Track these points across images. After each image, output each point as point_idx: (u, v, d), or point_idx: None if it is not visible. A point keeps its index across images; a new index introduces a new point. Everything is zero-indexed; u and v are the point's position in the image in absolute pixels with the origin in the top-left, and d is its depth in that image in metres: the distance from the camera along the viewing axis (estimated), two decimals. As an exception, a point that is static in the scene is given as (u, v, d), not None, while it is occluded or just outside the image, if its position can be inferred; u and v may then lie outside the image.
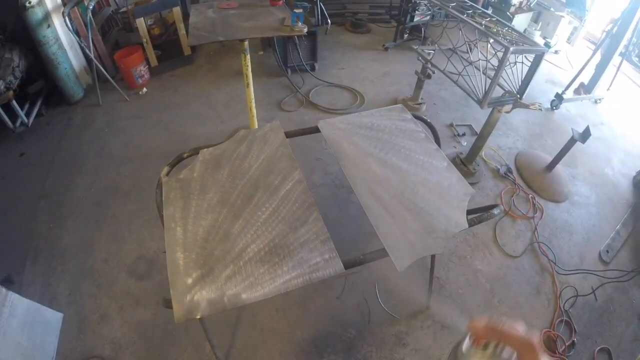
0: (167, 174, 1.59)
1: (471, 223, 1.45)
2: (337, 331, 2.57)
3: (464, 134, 3.95)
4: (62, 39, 4.41)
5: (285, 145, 1.59)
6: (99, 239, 3.23)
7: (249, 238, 1.27)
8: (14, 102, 4.18)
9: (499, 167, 3.66)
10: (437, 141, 1.87)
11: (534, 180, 3.58)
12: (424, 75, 3.67)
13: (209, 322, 2.23)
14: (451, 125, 4.05)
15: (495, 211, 1.57)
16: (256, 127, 3.55)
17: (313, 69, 4.73)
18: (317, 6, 3.00)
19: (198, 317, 1.14)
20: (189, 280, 1.20)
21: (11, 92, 4.09)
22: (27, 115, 4.46)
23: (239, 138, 1.64)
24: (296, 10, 2.48)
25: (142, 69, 4.76)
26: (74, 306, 2.84)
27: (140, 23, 4.52)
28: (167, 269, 1.27)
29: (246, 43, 2.75)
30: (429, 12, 4.63)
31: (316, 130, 1.69)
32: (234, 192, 1.42)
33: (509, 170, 3.63)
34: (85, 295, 2.89)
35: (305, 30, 2.52)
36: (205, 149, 1.59)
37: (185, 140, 4.06)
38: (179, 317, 1.15)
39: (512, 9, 5.49)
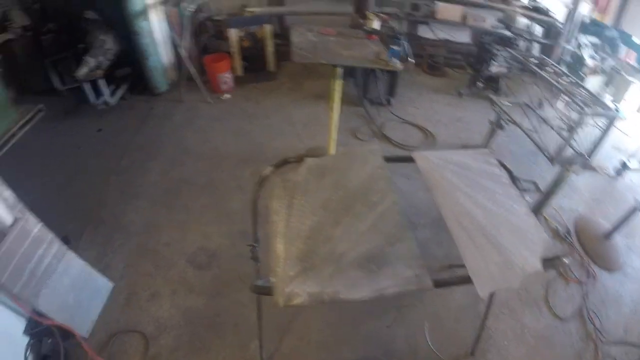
0: (270, 174, 1.74)
1: (544, 266, 1.52)
2: (382, 358, 2.60)
3: (528, 190, 3.95)
4: (156, 33, 4.77)
5: (383, 168, 1.71)
6: (165, 224, 3.41)
7: (349, 244, 1.39)
8: (101, 81, 4.55)
9: (558, 227, 3.64)
10: (515, 184, 1.95)
11: (590, 246, 3.52)
12: (497, 126, 3.73)
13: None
14: (517, 179, 4.03)
15: (566, 259, 1.63)
16: (333, 149, 3.68)
17: (389, 103, 4.87)
18: (402, 45, 3.17)
19: (296, 303, 1.24)
20: (291, 272, 1.32)
21: (101, 72, 4.45)
22: (111, 95, 4.81)
23: (341, 154, 1.79)
24: (394, 47, 2.64)
25: (228, 77, 5.07)
26: (126, 280, 2.99)
27: (233, 34, 4.85)
28: (271, 256, 1.39)
29: (340, 69, 2.92)
30: (505, 64, 4.71)
31: (410, 159, 1.80)
32: (335, 200, 1.55)
33: (568, 232, 3.60)
34: (141, 272, 3.04)
35: (399, 66, 2.67)
36: (310, 158, 1.73)
37: (262, 151, 4.24)
38: (279, 302, 1.26)
39: (586, 70, 5.48)
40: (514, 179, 2.00)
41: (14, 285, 2.17)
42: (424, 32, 5.86)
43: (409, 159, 1.83)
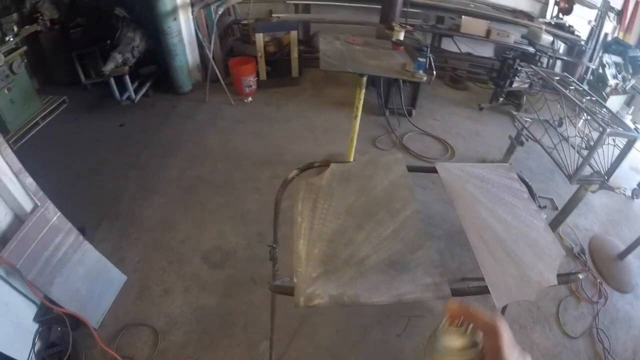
0: (295, 177, 1.77)
1: (559, 281, 1.53)
2: (390, 367, 2.60)
3: (544, 207, 3.92)
4: (183, 33, 4.88)
5: (405, 177, 1.74)
6: (181, 221, 3.46)
7: (371, 249, 1.41)
8: (127, 77, 4.66)
9: (573, 245, 3.62)
10: (534, 199, 1.97)
11: (603, 266, 3.49)
12: (517, 142, 3.71)
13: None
14: (534, 196, 4.00)
15: (581, 275, 1.65)
16: (352, 157, 3.71)
17: (410, 114, 4.85)
18: (427, 57, 3.18)
19: (317, 304, 1.27)
20: (314, 274, 1.35)
21: (126, 68, 4.57)
22: (135, 92, 4.92)
23: (365, 161, 1.81)
24: (420, 59, 2.66)
25: (252, 80, 5.14)
26: (139, 274, 3.04)
27: (259, 38, 4.92)
28: (293, 257, 1.42)
29: (364, 78, 2.95)
30: (528, 80, 4.68)
31: (433, 170, 1.83)
32: (358, 206, 1.57)
33: (582, 251, 3.58)
34: (155, 267, 3.08)
35: (425, 79, 2.69)
36: (335, 163, 1.77)
37: (280, 153, 4.27)
38: (299, 302, 1.29)
39: (608, 90, 5.44)
40: (533, 194, 2.02)
41: (28, 272, 2.23)
42: (448, 45, 5.87)
43: (432, 170, 1.85)
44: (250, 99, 5.18)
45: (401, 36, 3.21)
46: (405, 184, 1.70)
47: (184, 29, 4.86)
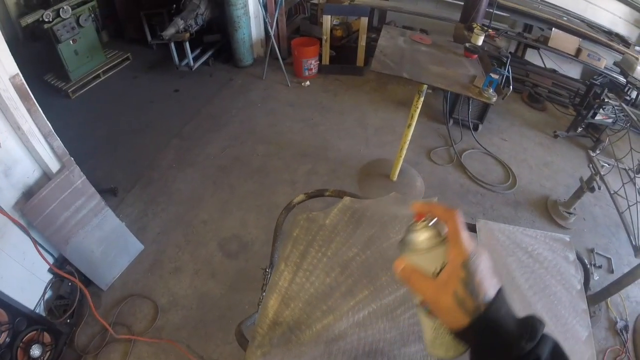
0: (301, 202, 1.51)
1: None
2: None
3: (600, 267, 3.33)
4: (249, 6, 4.73)
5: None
6: (208, 200, 3.38)
7: (354, 325, 1.11)
8: (187, 44, 4.62)
9: (618, 319, 3.04)
10: (586, 291, 1.54)
11: (644, 351, 2.93)
12: (587, 187, 3.15)
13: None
14: (592, 251, 3.43)
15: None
16: (399, 167, 3.38)
17: (476, 129, 4.29)
18: (503, 74, 2.67)
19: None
20: (275, 339, 1.11)
21: (187, 35, 4.52)
22: (195, 60, 4.88)
23: (389, 200, 1.47)
24: (493, 75, 2.24)
25: (313, 63, 4.87)
26: (156, 246, 3.03)
27: (326, 20, 4.62)
28: (260, 312, 1.18)
29: (426, 86, 2.59)
30: (613, 116, 3.99)
31: (472, 229, 1.47)
32: (360, 261, 1.25)
33: (626, 328, 3.00)
34: (172, 242, 3.05)
35: (494, 100, 2.26)
36: (349, 197, 1.46)
37: (325, 147, 4.01)
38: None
39: None
40: (587, 282, 1.60)
41: (45, 228, 2.31)
42: (532, 57, 5.18)
43: (470, 228, 1.49)
44: (307, 82, 4.90)
45: (480, 40, 2.76)
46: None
47: (250, 2, 4.69)
